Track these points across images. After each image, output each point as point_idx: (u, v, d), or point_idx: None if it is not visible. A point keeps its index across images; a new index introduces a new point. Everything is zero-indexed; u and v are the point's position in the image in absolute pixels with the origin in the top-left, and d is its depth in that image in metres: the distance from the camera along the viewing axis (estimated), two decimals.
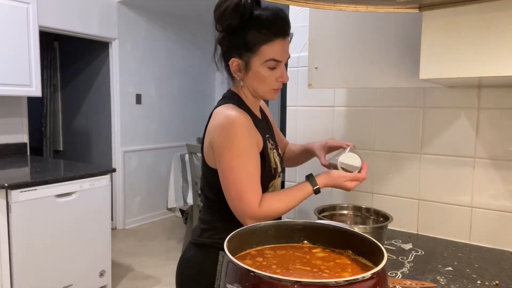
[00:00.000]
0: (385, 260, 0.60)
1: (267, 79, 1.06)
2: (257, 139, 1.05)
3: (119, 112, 4.28)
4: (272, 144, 1.14)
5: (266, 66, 1.04)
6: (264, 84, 1.07)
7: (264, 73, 1.05)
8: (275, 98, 1.11)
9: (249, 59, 1.04)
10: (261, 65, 1.04)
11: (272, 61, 1.03)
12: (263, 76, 1.05)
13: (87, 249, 2.56)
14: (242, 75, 1.07)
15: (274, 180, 1.12)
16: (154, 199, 4.71)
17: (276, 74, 1.06)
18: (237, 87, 1.12)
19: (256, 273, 0.55)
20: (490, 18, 0.90)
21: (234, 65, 1.07)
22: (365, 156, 1.56)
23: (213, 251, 1.08)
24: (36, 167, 2.80)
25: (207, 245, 1.11)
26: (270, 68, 1.05)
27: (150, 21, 4.51)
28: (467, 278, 1.04)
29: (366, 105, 1.54)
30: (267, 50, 1.03)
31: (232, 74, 1.10)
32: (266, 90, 1.08)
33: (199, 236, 1.14)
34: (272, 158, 1.11)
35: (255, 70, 1.05)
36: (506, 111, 1.28)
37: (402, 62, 1.18)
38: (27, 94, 2.90)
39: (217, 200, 1.09)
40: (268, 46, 1.02)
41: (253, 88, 1.09)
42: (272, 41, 1.02)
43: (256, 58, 1.04)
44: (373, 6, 1.03)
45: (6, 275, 2.16)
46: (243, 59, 1.05)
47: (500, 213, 1.31)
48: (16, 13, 2.72)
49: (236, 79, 1.11)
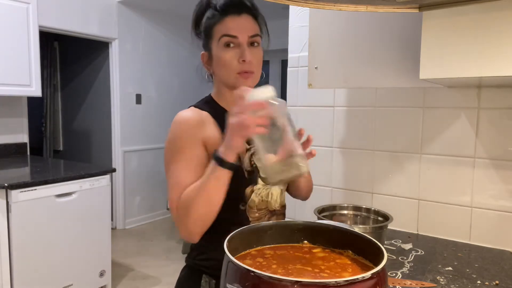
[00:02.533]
0: (385, 260, 0.60)
1: (227, 61, 0.97)
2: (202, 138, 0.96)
3: (119, 112, 4.28)
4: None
5: (221, 45, 0.97)
6: (226, 68, 0.98)
7: (221, 54, 0.97)
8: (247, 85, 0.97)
9: (210, 46, 1.00)
10: (217, 46, 0.98)
11: (224, 37, 0.96)
12: (222, 58, 0.97)
13: (87, 249, 2.56)
14: (211, 67, 1.03)
15: (254, 186, 1.00)
16: (154, 199, 4.71)
17: (237, 56, 0.97)
18: (214, 90, 1.07)
19: (256, 273, 0.55)
20: (490, 18, 0.90)
21: (204, 59, 1.04)
22: (365, 156, 1.56)
23: (196, 274, 1.01)
24: (36, 167, 2.80)
25: (192, 267, 1.04)
26: (225, 47, 0.97)
27: (150, 21, 4.51)
28: (467, 278, 1.04)
29: (366, 105, 1.54)
30: (219, 28, 0.98)
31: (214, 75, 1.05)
32: (231, 75, 0.98)
33: (188, 255, 1.07)
34: (247, 160, 1.00)
35: (215, 54, 0.99)
36: (506, 111, 1.28)
37: (402, 62, 1.18)
38: (27, 94, 2.90)
39: None
40: (220, 25, 0.98)
41: (221, 78, 1.01)
42: (223, 19, 0.98)
43: (213, 41, 0.99)
44: (373, 6, 1.03)
45: (6, 275, 2.16)
46: (207, 49, 1.02)
47: (500, 213, 1.31)
48: (16, 13, 2.72)
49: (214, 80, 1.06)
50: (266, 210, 1.02)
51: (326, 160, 1.64)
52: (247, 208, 0.99)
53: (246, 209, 0.99)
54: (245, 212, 0.99)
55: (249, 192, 0.99)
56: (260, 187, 1.01)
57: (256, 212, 1.00)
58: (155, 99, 4.68)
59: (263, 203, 1.01)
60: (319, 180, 1.67)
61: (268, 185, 1.02)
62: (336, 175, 1.63)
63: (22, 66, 2.78)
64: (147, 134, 4.60)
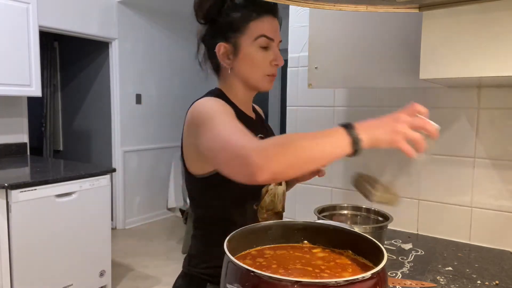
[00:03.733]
0: (385, 260, 0.60)
1: (260, 62, 0.93)
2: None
3: (119, 112, 4.28)
4: None
5: (257, 45, 0.92)
6: (256, 68, 0.93)
7: (255, 54, 0.92)
8: (271, 87, 0.97)
9: (238, 40, 0.92)
10: (251, 44, 0.92)
11: (263, 37, 0.91)
12: (255, 58, 0.92)
13: (87, 249, 2.56)
14: (230, 62, 0.95)
15: (268, 186, 0.97)
16: (154, 199, 4.71)
17: (270, 57, 0.93)
18: (223, 84, 1.00)
19: (256, 273, 0.55)
20: (490, 18, 0.90)
21: (221, 51, 0.94)
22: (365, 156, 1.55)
23: (200, 284, 0.94)
24: (36, 167, 2.80)
25: (194, 276, 0.96)
26: (262, 48, 0.92)
27: (150, 21, 4.51)
28: (467, 278, 1.04)
29: (366, 105, 1.54)
30: (256, 26, 0.91)
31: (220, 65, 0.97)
32: (259, 76, 0.94)
33: (188, 264, 0.99)
34: None
35: (245, 51, 0.92)
36: (506, 111, 1.28)
37: (402, 62, 1.18)
38: (27, 94, 2.90)
39: (203, 219, 0.97)
40: (258, 22, 0.91)
41: (244, 76, 0.95)
42: (262, 16, 0.92)
43: (245, 37, 0.92)
44: (373, 6, 1.03)
45: (6, 275, 2.16)
46: (231, 42, 0.93)
47: (500, 213, 1.31)
48: (16, 13, 2.72)
49: (222, 74, 0.99)
50: (272, 211, 1.01)
51: None
52: (258, 209, 0.97)
53: (258, 209, 0.97)
54: (257, 212, 0.97)
55: (264, 192, 0.96)
56: (272, 187, 0.98)
57: (265, 213, 0.98)
58: (155, 99, 4.68)
59: (270, 204, 0.99)
60: (319, 180, 1.67)
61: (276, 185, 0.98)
62: (336, 175, 1.63)
63: (22, 66, 2.78)
64: (147, 134, 4.60)
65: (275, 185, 0.99)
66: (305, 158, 0.69)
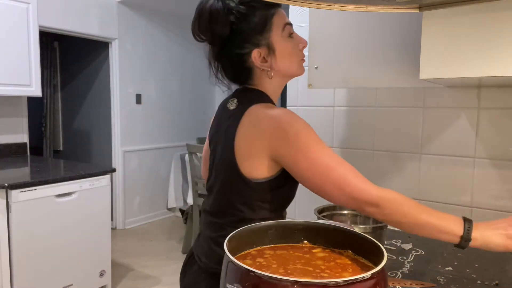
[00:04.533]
0: (385, 260, 0.60)
1: (294, 49, 0.97)
2: None
3: (119, 112, 4.28)
4: None
5: (286, 35, 0.96)
6: (294, 56, 0.97)
7: (288, 44, 0.96)
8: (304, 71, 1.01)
9: (269, 39, 0.94)
10: (281, 37, 0.95)
11: (288, 25, 0.96)
12: (290, 47, 0.96)
13: (87, 249, 2.56)
14: (269, 63, 0.95)
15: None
16: (154, 199, 4.71)
17: (297, 43, 0.98)
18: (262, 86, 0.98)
19: (256, 273, 0.55)
20: (490, 18, 0.90)
21: (257, 58, 0.94)
22: (365, 156, 1.56)
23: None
24: (36, 167, 2.80)
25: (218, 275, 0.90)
26: (289, 37, 0.96)
27: (150, 21, 4.51)
28: (467, 278, 1.04)
29: (366, 105, 1.54)
30: (277, 18, 0.95)
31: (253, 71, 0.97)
32: (297, 63, 0.98)
33: (217, 263, 0.88)
34: None
35: (280, 45, 0.95)
36: (506, 111, 1.28)
37: (402, 62, 1.18)
38: (27, 94, 2.90)
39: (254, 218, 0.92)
40: (277, 15, 0.95)
41: (285, 70, 0.97)
42: (276, 8, 0.96)
43: (274, 33, 0.94)
44: (373, 6, 1.03)
45: (6, 275, 2.16)
46: (262, 45, 0.94)
47: (500, 213, 1.31)
48: (16, 13, 2.72)
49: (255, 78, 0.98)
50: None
51: None
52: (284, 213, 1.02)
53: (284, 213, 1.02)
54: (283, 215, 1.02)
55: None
56: None
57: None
58: (155, 99, 4.68)
59: None
60: None
61: None
62: None
63: (22, 66, 2.78)
64: (147, 134, 4.60)
65: None
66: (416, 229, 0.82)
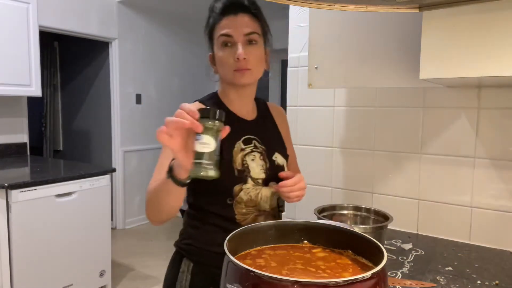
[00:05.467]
0: (385, 260, 0.60)
1: (225, 59, 1.00)
2: None
3: (119, 112, 4.28)
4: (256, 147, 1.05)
5: (219, 45, 1.01)
6: (225, 66, 1.01)
7: (220, 53, 1.01)
8: (243, 81, 1.01)
9: (213, 47, 1.05)
10: (217, 47, 1.02)
11: (222, 36, 1.00)
12: (221, 57, 1.01)
13: (87, 249, 2.56)
14: (216, 67, 1.06)
15: (243, 184, 1.01)
16: None
17: (232, 54, 0.99)
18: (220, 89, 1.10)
19: (256, 273, 0.55)
20: (490, 18, 0.90)
21: (210, 60, 1.08)
22: (365, 156, 1.56)
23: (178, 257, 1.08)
24: (36, 167, 2.80)
25: (176, 250, 1.11)
26: (223, 46, 1.00)
27: (150, 21, 4.51)
28: (467, 278, 1.04)
29: (366, 105, 1.54)
30: (218, 29, 1.02)
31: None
32: (229, 73, 1.01)
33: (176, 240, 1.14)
34: (239, 160, 1.01)
35: (216, 54, 1.03)
36: (506, 111, 1.28)
37: (402, 62, 1.18)
38: (27, 94, 2.90)
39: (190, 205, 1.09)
40: (218, 26, 1.01)
41: (222, 76, 1.05)
42: (221, 20, 1.01)
43: (214, 42, 1.03)
44: (373, 6, 1.03)
45: (6, 275, 2.16)
46: (212, 51, 1.06)
47: (500, 213, 1.31)
48: (16, 13, 2.72)
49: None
50: (255, 208, 1.04)
51: (326, 160, 1.64)
52: (234, 203, 1.02)
53: (234, 203, 1.02)
54: (233, 206, 1.02)
55: (237, 190, 1.01)
56: (249, 187, 1.03)
57: (244, 208, 1.03)
58: (155, 99, 4.68)
59: (251, 202, 1.03)
60: (319, 180, 1.67)
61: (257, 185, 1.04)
62: (336, 175, 1.63)
63: (22, 66, 2.78)
64: (147, 134, 4.60)
65: (254, 186, 1.03)
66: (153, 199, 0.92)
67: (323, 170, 1.65)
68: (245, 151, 1.03)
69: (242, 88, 1.05)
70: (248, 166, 1.03)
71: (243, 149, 1.03)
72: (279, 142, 1.15)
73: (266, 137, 1.10)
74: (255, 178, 1.03)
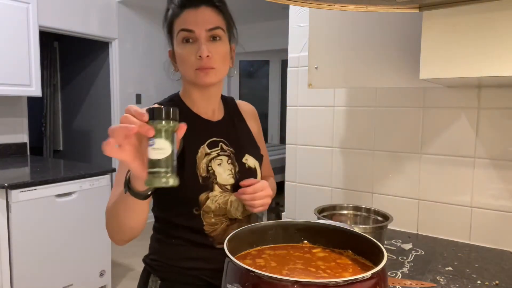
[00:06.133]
0: (385, 260, 0.60)
1: (185, 57, 0.91)
2: None
3: (119, 112, 4.28)
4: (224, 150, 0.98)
5: (179, 40, 0.92)
6: (186, 64, 0.92)
7: (180, 50, 0.92)
8: (206, 81, 0.92)
9: (172, 43, 0.95)
10: (177, 43, 0.93)
11: (182, 31, 0.91)
12: (181, 54, 0.92)
13: (87, 249, 2.56)
14: (176, 65, 0.97)
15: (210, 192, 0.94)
16: None
17: (194, 51, 0.90)
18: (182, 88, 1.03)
19: (256, 273, 0.55)
20: (490, 18, 0.90)
21: (170, 57, 0.99)
22: (365, 156, 1.56)
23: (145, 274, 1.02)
24: (36, 167, 2.80)
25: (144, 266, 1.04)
26: (184, 42, 0.91)
27: (150, 21, 4.51)
28: (467, 278, 1.04)
29: (366, 105, 1.54)
30: (177, 23, 0.92)
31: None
32: (191, 72, 0.92)
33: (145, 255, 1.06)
34: (203, 165, 0.94)
35: (175, 50, 0.94)
36: (506, 111, 1.28)
37: (402, 62, 1.18)
38: (27, 94, 2.90)
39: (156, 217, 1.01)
40: (178, 19, 0.92)
41: (183, 75, 0.96)
42: (181, 13, 0.92)
43: (174, 37, 0.94)
44: (373, 6, 1.03)
45: (6, 275, 2.16)
46: (171, 46, 0.97)
47: (500, 213, 1.31)
48: (16, 13, 2.72)
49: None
50: (224, 217, 0.97)
51: (326, 160, 1.64)
52: (201, 213, 0.94)
53: (201, 213, 0.94)
54: (200, 216, 0.94)
55: (203, 199, 0.93)
56: (217, 194, 0.95)
57: (213, 217, 0.95)
58: (155, 99, 4.66)
59: (220, 210, 0.95)
60: (319, 180, 1.67)
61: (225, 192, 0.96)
62: (336, 175, 1.63)
63: (22, 66, 2.78)
64: None
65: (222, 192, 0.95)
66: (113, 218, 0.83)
67: (323, 170, 1.65)
68: (210, 156, 0.95)
69: (205, 88, 0.97)
70: (214, 172, 0.94)
71: (208, 153, 0.95)
72: (250, 142, 1.07)
73: (235, 138, 1.02)
74: (222, 184, 0.95)
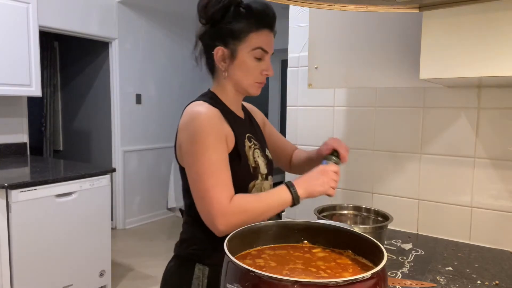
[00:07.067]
0: (385, 260, 0.60)
1: (252, 70, 1.02)
2: (225, 134, 0.98)
3: (119, 112, 4.28)
4: (255, 144, 1.09)
5: (253, 55, 1.00)
6: (249, 75, 1.02)
7: (250, 63, 1.01)
8: (258, 93, 1.07)
9: (236, 47, 1.00)
10: (248, 53, 1.00)
11: (259, 50, 1.00)
12: (249, 66, 1.01)
13: (87, 249, 2.56)
14: (226, 65, 1.03)
15: (256, 181, 1.05)
16: (154, 199, 4.71)
17: (262, 67, 1.03)
18: (216, 86, 1.09)
19: (256, 273, 0.55)
20: (490, 18, 0.90)
21: (218, 54, 1.02)
22: (365, 156, 1.56)
23: (189, 264, 1.04)
24: (36, 167, 2.80)
25: (184, 257, 1.06)
26: (256, 58, 1.01)
27: (150, 21, 4.51)
28: (467, 278, 1.04)
29: (366, 105, 1.54)
30: (255, 38, 1.00)
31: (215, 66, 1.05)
32: (250, 82, 1.04)
33: (179, 246, 1.09)
34: (251, 157, 1.04)
35: (241, 59, 1.01)
36: (506, 111, 1.28)
37: (402, 62, 1.18)
38: (27, 94, 2.90)
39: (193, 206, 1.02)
40: (257, 34, 1.00)
41: (237, 80, 1.04)
42: (261, 30, 1.00)
43: (243, 46, 1.00)
44: (373, 6, 1.03)
45: (6, 275, 2.16)
46: (229, 47, 1.01)
47: (500, 213, 1.31)
48: (16, 13, 2.72)
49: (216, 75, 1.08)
50: None
51: None
52: None
53: None
54: None
55: (251, 187, 1.04)
56: (258, 182, 1.05)
57: None
58: (155, 99, 4.68)
59: None
60: None
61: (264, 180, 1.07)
62: None
63: (22, 66, 2.78)
64: (147, 134, 4.60)
65: (261, 180, 1.06)
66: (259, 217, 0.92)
67: None
68: (251, 149, 1.06)
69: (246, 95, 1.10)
70: (258, 162, 1.06)
71: (250, 146, 1.06)
72: (263, 138, 1.20)
73: (256, 134, 1.14)
74: (262, 173, 1.07)
